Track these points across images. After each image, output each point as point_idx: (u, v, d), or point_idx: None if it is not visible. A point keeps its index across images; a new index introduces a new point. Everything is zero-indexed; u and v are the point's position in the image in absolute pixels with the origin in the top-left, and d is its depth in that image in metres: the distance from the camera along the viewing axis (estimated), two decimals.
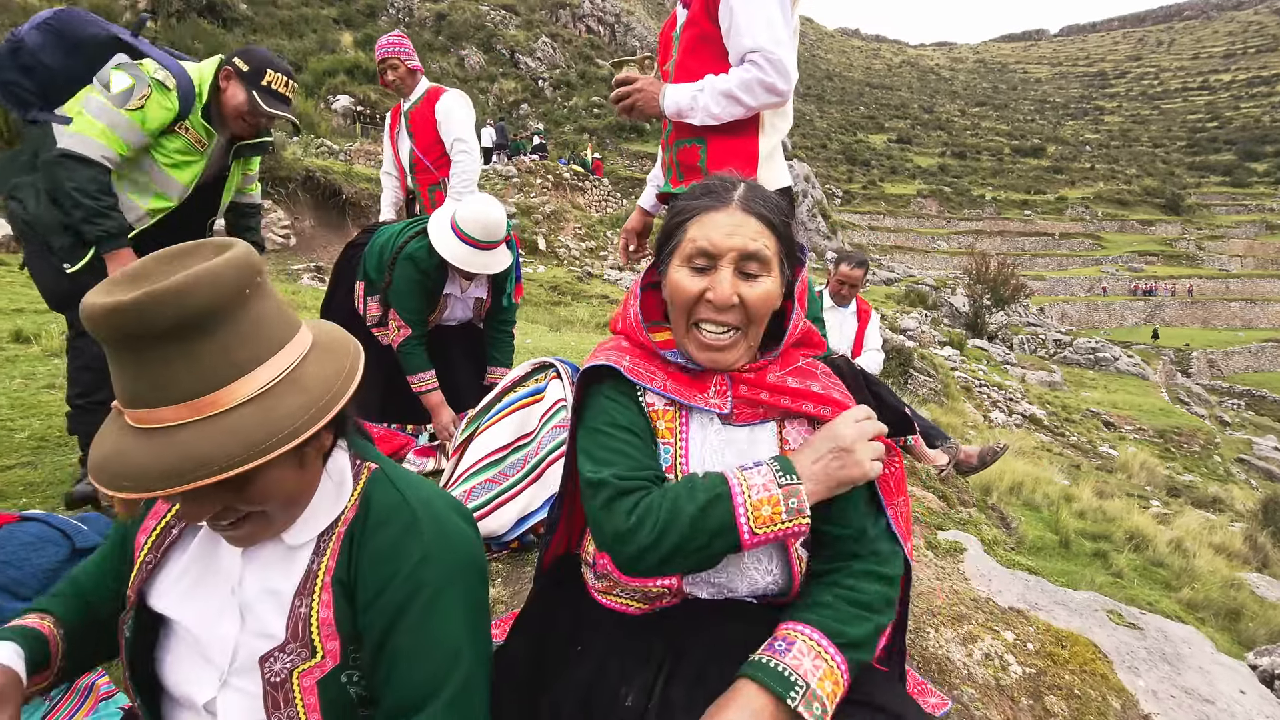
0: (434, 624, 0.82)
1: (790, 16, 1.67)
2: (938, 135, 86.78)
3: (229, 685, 0.84)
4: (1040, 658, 1.38)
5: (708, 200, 1.00)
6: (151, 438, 0.69)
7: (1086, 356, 28.58)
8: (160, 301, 0.66)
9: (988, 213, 60.58)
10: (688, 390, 1.01)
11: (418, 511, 0.87)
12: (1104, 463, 14.88)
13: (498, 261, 2.39)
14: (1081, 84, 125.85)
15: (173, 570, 0.89)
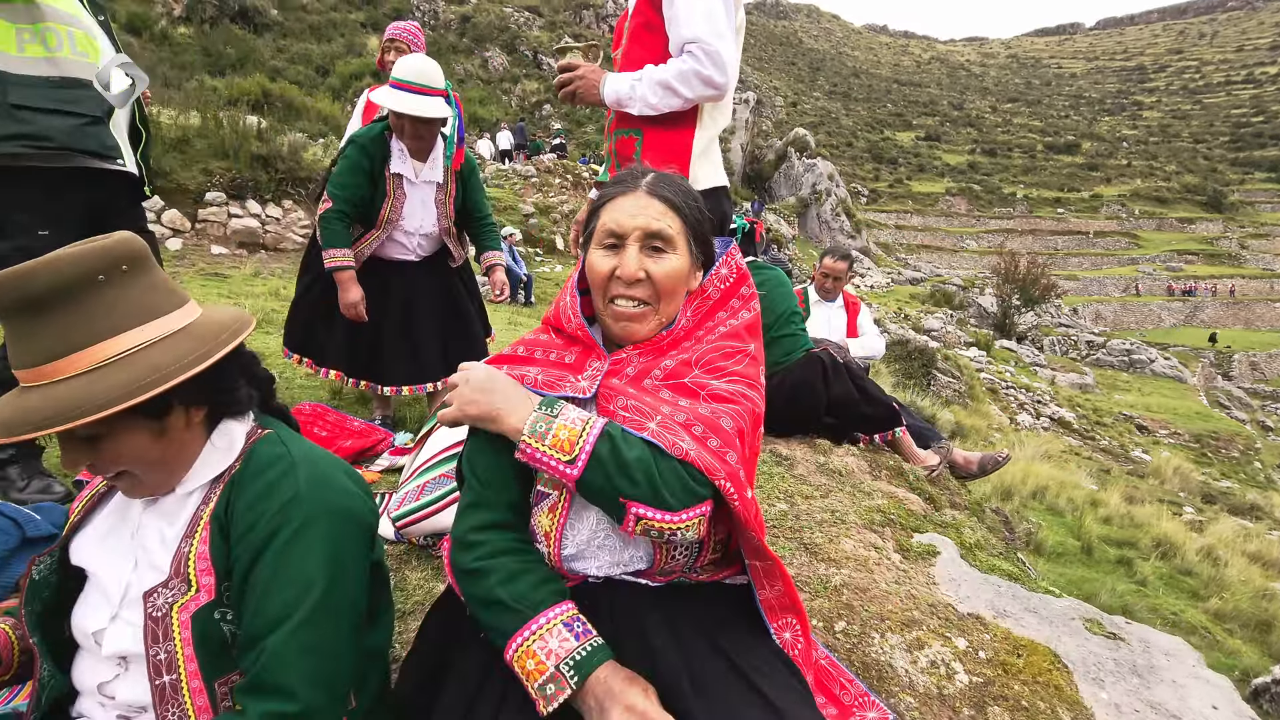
0: (292, 556, 0.86)
1: (733, 11, 1.68)
2: (967, 132, 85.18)
3: (118, 618, 0.91)
4: (991, 666, 1.31)
5: (618, 188, 1.09)
6: (17, 395, 0.82)
7: (1120, 358, 27.83)
8: (10, 282, 0.79)
9: (1019, 211, 59.25)
10: (559, 380, 1.03)
11: (296, 460, 0.93)
12: (1135, 468, 14.44)
13: (433, 107, 2.38)
14: (1119, 78, 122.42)
15: (92, 526, 0.99)
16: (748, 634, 0.97)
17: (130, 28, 24.19)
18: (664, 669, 0.88)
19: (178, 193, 9.21)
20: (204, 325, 0.91)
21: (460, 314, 2.75)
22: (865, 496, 2.25)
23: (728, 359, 1.03)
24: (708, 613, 0.97)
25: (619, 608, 0.95)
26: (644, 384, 1.03)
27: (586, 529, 0.98)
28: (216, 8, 29.18)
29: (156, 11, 26.62)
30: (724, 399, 0.98)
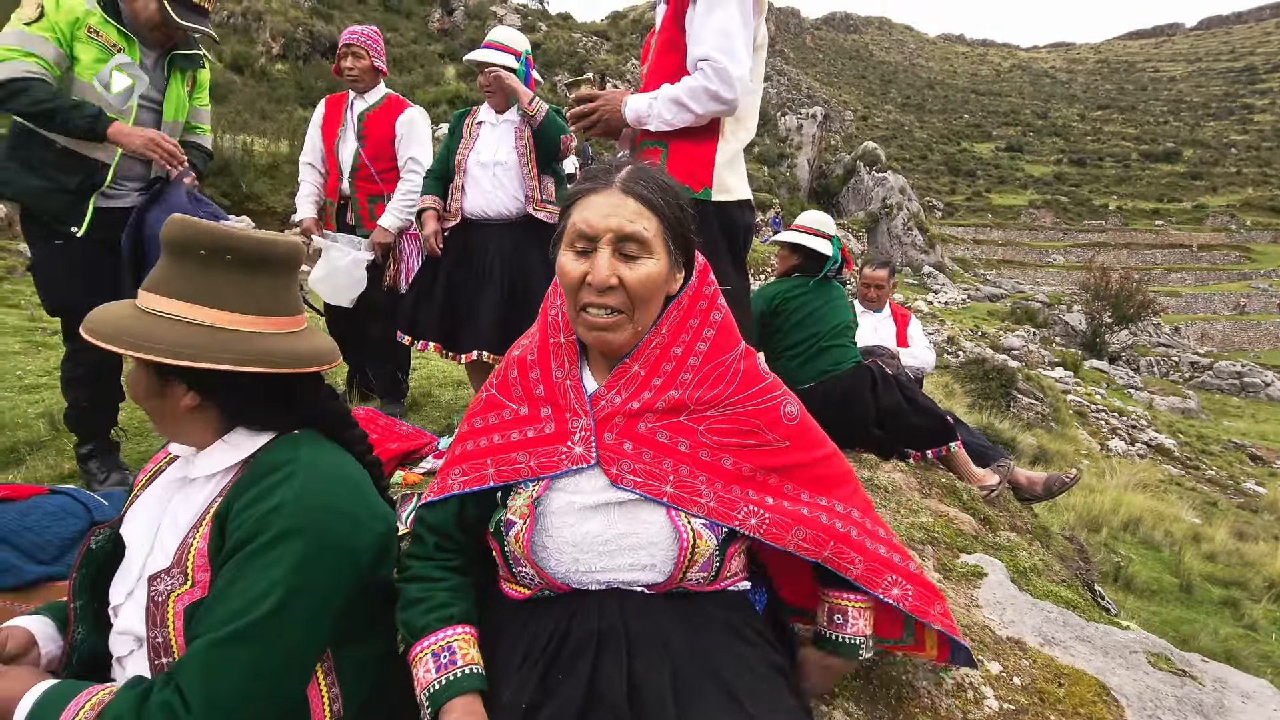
0: (253, 567, 0.85)
1: (751, 29, 1.70)
2: (1053, 142, 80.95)
3: (132, 596, 0.95)
4: (1026, 694, 1.21)
5: (590, 184, 1.00)
6: (125, 304, 0.96)
7: (1230, 381, 25.56)
8: (175, 224, 0.93)
9: (1112, 224, 55.59)
10: (550, 455, 1.00)
11: (299, 469, 0.92)
12: (1247, 501, 13.14)
13: (493, 55, 2.72)
14: (1225, 81, 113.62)
15: (141, 502, 1.05)
16: (742, 643, 0.94)
17: (234, 66, 26.34)
18: (649, 682, 0.85)
19: (267, 215, 9.91)
20: (242, 338, 0.94)
21: (528, 290, 2.75)
22: (910, 514, 2.14)
23: (718, 383, 1.00)
24: (702, 623, 0.94)
25: (608, 616, 0.93)
26: (638, 430, 0.98)
27: (572, 546, 0.96)
28: (310, 45, 31.45)
29: (257, 50, 28.91)
30: (725, 431, 0.99)
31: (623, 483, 0.95)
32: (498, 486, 1.00)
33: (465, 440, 1.07)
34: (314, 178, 3.14)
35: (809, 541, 0.98)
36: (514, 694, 0.88)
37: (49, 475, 2.47)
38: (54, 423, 2.90)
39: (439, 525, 1.04)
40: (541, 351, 1.06)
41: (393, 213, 2.98)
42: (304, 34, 30.42)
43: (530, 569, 0.97)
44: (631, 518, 0.96)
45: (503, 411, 1.05)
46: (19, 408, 3.17)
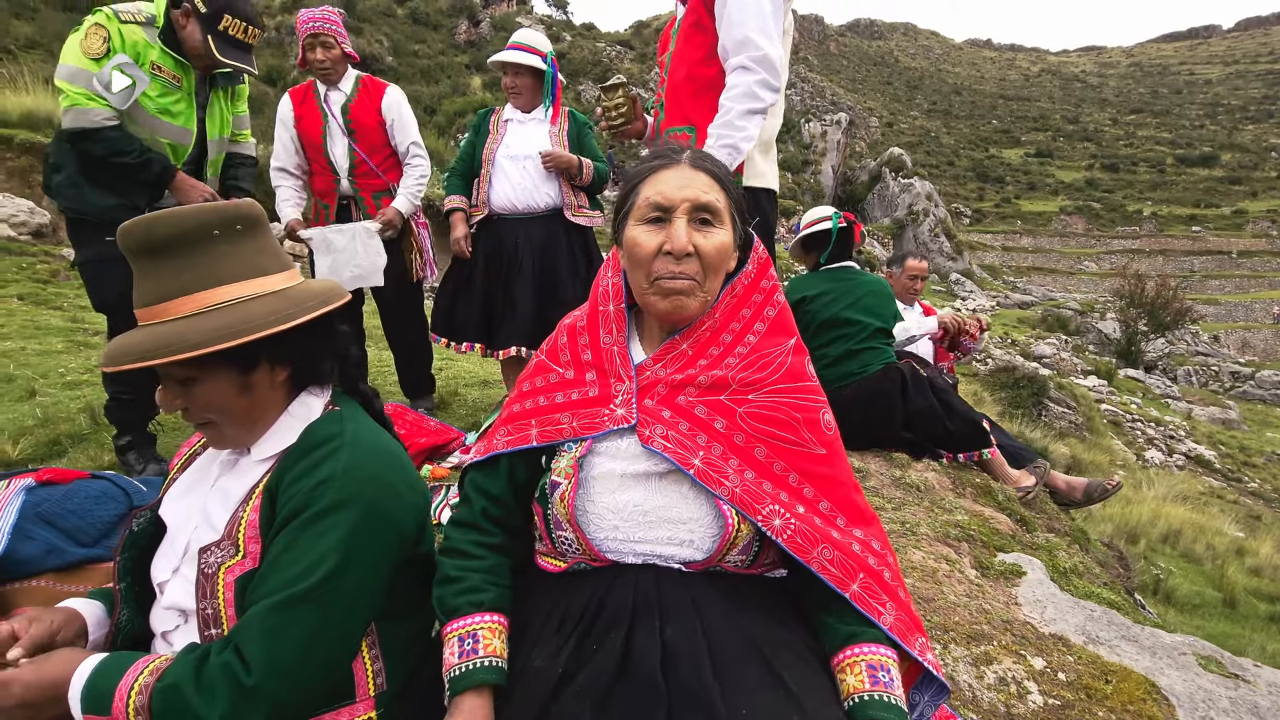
0: (306, 536, 0.87)
1: (781, 14, 1.73)
2: (1084, 147, 79.36)
3: (179, 572, 0.97)
4: (1072, 690, 1.17)
5: (659, 161, 1.04)
6: (135, 331, 0.91)
7: (1273, 392, 24.70)
8: (149, 223, 0.90)
9: (1146, 230, 54.20)
10: (594, 417, 1.00)
11: (345, 443, 0.94)
12: None
13: (520, 56, 2.75)
14: (1264, 83, 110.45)
15: (181, 482, 1.06)
16: (779, 625, 0.92)
17: (267, 79, 27.06)
18: (684, 652, 0.84)
19: None
20: (300, 291, 0.98)
21: (556, 283, 2.78)
22: (944, 512, 2.09)
23: (763, 369, 1.00)
24: (739, 601, 0.93)
25: (643, 588, 0.92)
26: (678, 401, 0.99)
27: (613, 513, 0.96)
28: None
29: (290, 63, 29.69)
30: (769, 419, 0.97)
31: (653, 445, 0.95)
32: (541, 446, 1.01)
33: (513, 404, 1.10)
34: (290, 182, 2.99)
35: (836, 566, 0.92)
36: (546, 661, 0.88)
37: (89, 465, 2.54)
38: (95, 417, 2.98)
39: (489, 488, 1.05)
40: (591, 319, 1.09)
41: (404, 196, 2.91)
42: None
43: (571, 533, 0.97)
44: (673, 491, 0.96)
45: (549, 375, 1.08)
46: (61, 403, 3.26)
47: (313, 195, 3.06)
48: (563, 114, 2.89)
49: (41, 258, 6.75)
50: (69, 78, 2.04)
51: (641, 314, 1.08)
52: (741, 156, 1.70)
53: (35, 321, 4.91)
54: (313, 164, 2.98)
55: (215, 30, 2.15)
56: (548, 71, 2.78)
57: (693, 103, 1.83)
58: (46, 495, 1.54)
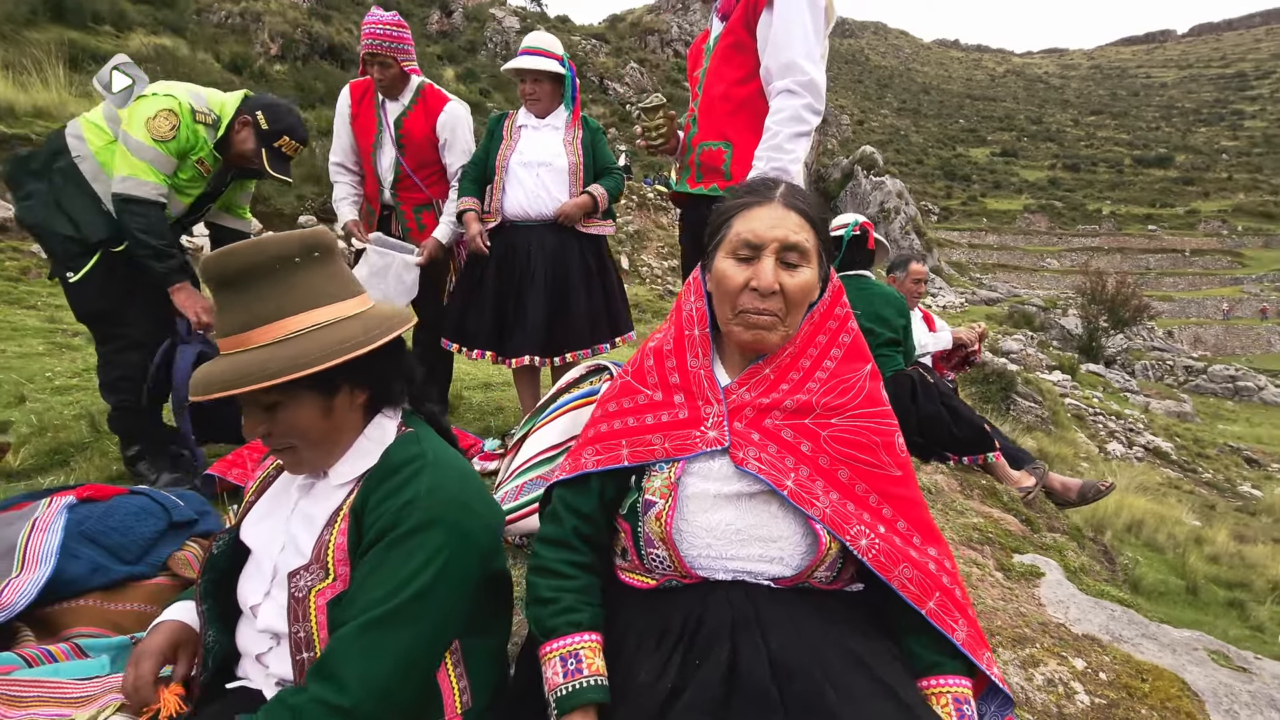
0: (393, 556, 0.89)
1: (824, 36, 1.78)
2: (1047, 147, 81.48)
3: (269, 596, 0.99)
4: (1114, 689, 1.25)
5: (752, 197, 1.08)
6: (224, 359, 0.92)
7: (1224, 385, 25.75)
8: (245, 250, 0.92)
9: (1105, 228, 55.99)
10: (686, 438, 1.04)
11: (427, 464, 0.96)
12: (1245, 504, 13.24)
13: (540, 62, 2.68)
14: (1216, 87, 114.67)
15: (256, 508, 1.08)
16: (868, 636, 0.96)
17: (232, 66, 26.25)
18: (793, 664, 0.88)
19: (275, 217, 9.90)
20: (373, 315, 1.00)
21: (568, 291, 2.76)
22: (958, 515, 2.18)
23: (844, 394, 1.04)
24: (828, 614, 0.98)
25: (738, 604, 0.96)
26: (765, 424, 1.03)
27: (706, 532, 0.99)
28: (308, 47, 31.41)
29: (255, 51, 28.85)
30: (850, 442, 1.02)
31: (747, 466, 0.99)
32: (632, 466, 1.04)
33: (599, 423, 1.12)
34: (348, 178, 2.99)
35: (915, 584, 0.97)
36: (652, 676, 0.91)
37: (99, 478, 2.48)
38: (95, 424, 2.91)
39: (580, 506, 1.07)
40: (678, 343, 1.12)
41: (447, 224, 2.89)
42: (303, 35, 30.29)
43: (665, 551, 1.01)
44: (763, 510, 1.00)
45: (637, 397, 1.11)
46: (54, 409, 3.17)
47: (364, 196, 3.05)
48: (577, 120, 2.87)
49: (10, 254, 6.50)
50: (134, 150, 2.14)
51: (723, 337, 1.12)
52: (790, 178, 1.73)
53: (10, 322, 4.74)
54: (364, 167, 2.96)
55: (270, 146, 2.31)
56: (567, 75, 2.76)
57: (729, 121, 1.87)
58: (88, 513, 1.53)
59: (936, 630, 0.94)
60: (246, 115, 2.31)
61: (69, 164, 2.21)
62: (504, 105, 30.47)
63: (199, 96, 2.28)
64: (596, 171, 2.86)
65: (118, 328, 2.32)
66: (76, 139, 2.23)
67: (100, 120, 2.24)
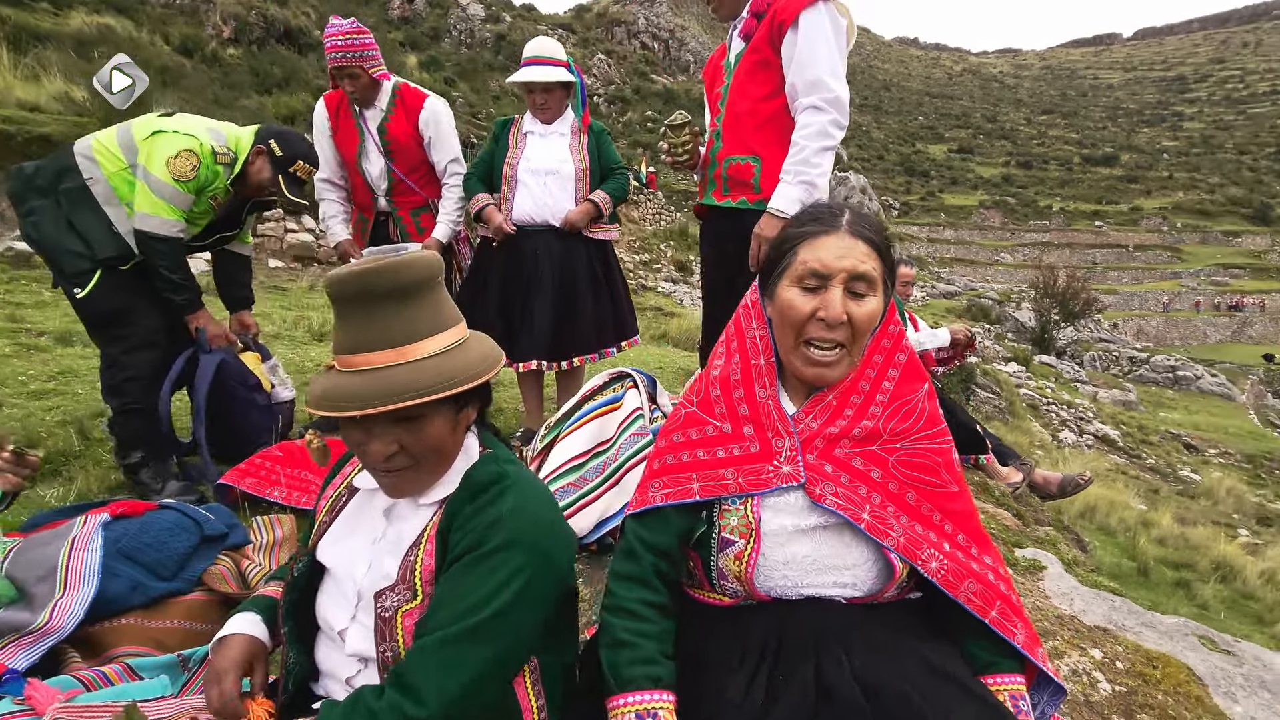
0: (475, 574, 0.91)
1: (845, 53, 1.85)
2: (1001, 145, 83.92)
3: (355, 620, 1.01)
4: (1131, 677, 1.36)
5: (818, 225, 1.07)
6: (363, 376, 0.91)
7: (1165, 375, 27.02)
8: (393, 269, 0.92)
9: (1055, 224, 58.06)
10: (759, 473, 1.05)
11: (510, 484, 0.98)
12: (1185, 488, 13.96)
13: (550, 72, 2.67)
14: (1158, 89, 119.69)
15: (334, 529, 1.08)
16: (934, 641, 1.02)
17: (183, 49, 25.13)
18: (879, 677, 0.92)
19: None
20: (475, 338, 1.04)
21: (575, 296, 2.78)
22: None
23: (907, 417, 1.08)
24: (896, 624, 1.02)
25: (814, 623, 1.00)
26: (836, 454, 1.05)
27: (784, 565, 1.03)
28: (263, 29, 30.29)
29: (207, 34, 27.68)
30: (916, 465, 1.06)
31: (825, 503, 1.02)
32: (702, 501, 1.06)
33: (665, 454, 1.12)
34: (336, 194, 2.95)
35: (979, 597, 1.01)
36: (739, 694, 0.94)
37: (100, 488, 2.42)
38: (84, 431, 2.82)
39: (658, 543, 1.07)
40: (744, 372, 1.12)
41: (445, 224, 2.88)
42: (257, 18, 29.19)
43: (740, 585, 1.04)
44: (837, 540, 1.03)
45: (705, 428, 1.11)
46: (35, 415, 3.06)
47: (354, 206, 3.03)
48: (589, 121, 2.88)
49: None
50: (155, 188, 2.19)
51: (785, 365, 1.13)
52: (818, 192, 1.80)
53: None
54: (351, 178, 2.92)
55: (286, 172, 2.39)
56: (576, 82, 2.76)
57: (756, 135, 1.92)
58: (124, 530, 1.51)
59: (997, 634, 1.00)
60: (260, 146, 2.39)
61: (80, 185, 2.22)
62: (469, 94, 29.88)
63: (219, 135, 2.33)
64: (602, 173, 2.88)
65: (125, 328, 2.31)
66: (88, 160, 2.23)
67: (114, 146, 2.25)
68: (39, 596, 1.32)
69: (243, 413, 2.56)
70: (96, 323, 2.33)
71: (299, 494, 2.16)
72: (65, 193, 2.21)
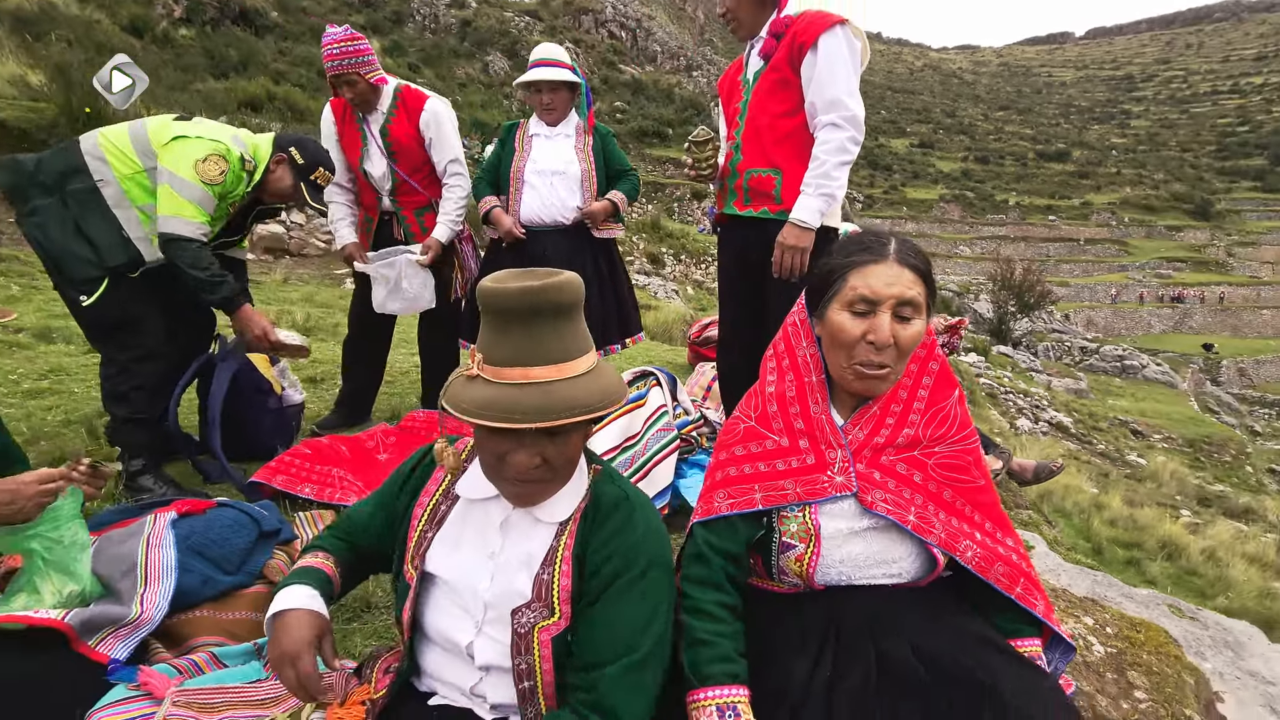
0: (632, 598, 1.00)
1: (860, 71, 2.00)
2: (960, 139, 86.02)
3: (483, 633, 1.05)
4: (1119, 640, 1.55)
5: (868, 255, 1.17)
6: (523, 389, 0.94)
7: (1114, 364, 28.27)
8: (557, 288, 0.96)
9: (1011, 218, 59.93)
10: (815, 483, 1.17)
11: (635, 506, 1.07)
12: (1133, 471, 14.70)
13: (555, 73, 2.77)
14: (1108, 87, 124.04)
15: (443, 538, 1.11)
16: (970, 615, 1.16)
17: (132, 29, 24.07)
18: (934, 648, 1.05)
19: None
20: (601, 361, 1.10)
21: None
22: None
23: (943, 424, 1.21)
24: (935, 601, 1.17)
25: (867, 606, 1.13)
26: (882, 461, 1.17)
27: (839, 563, 1.16)
28: (217, 9, 29.13)
29: (157, 14, 26.52)
30: (951, 466, 1.20)
31: (876, 509, 1.14)
32: (764, 510, 1.18)
33: (726, 466, 1.24)
34: (344, 196, 3.00)
35: (1006, 576, 1.15)
36: (806, 672, 1.07)
37: (114, 488, 2.42)
38: (93, 430, 2.82)
39: (728, 548, 1.17)
40: (799, 389, 1.24)
41: (445, 224, 2.95)
42: None
43: (800, 580, 1.18)
44: (886, 539, 1.17)
45: (764, 442, 1.23)
46: (36, 415, 3.03)
47: (361, 208, 3.07)
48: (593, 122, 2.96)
49: None
50: (180, 190, 2.16)
51: (834, 380, 1.25)
52: (836, 204, 1.95)
53: None
54: (358, 179, 3.00)
55: (307, 179, 2.41)
56: (581, 84, 2.84)
57: (778, 149, 2.06)
58: (191, 527, 1.58)
59: (1021, 607, 1.16)
60: (282, 154, 2.38)
61: (90, 187, 2.15)
62: (434, 81, 29.32)
63: (240, 142, 2.31)
64: (609, 174, 2.97)
65: (135, 336, 2.27)
66: (98, 161, 2.16)
67: (127, 148, 2.19)
68: (123, 592, 1.38)
69: (257, 419, 2.58)
70: (102, 330, 2.28)
71: (330, 490, 2.22)
72: (73, 194, 2.14)
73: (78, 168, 2.15)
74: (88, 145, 2.18)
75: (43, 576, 1.26)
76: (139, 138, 2.22)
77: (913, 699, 1.01)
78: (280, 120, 16.06)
